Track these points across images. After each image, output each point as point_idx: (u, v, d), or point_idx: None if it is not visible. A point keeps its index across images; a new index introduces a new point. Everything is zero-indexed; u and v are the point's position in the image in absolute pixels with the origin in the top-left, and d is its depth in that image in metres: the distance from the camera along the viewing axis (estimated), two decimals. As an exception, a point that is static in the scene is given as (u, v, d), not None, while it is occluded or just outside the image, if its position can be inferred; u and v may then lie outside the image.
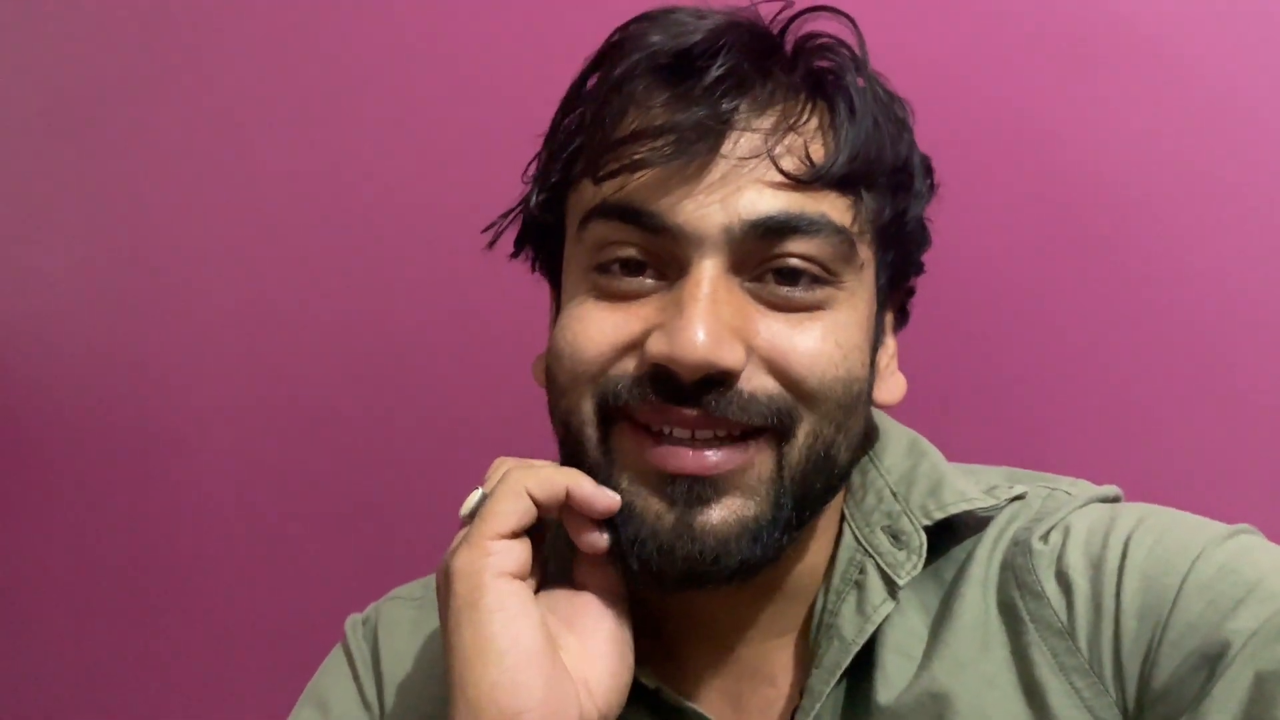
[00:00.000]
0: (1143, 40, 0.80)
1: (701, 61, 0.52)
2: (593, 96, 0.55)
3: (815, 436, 0.52)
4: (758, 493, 0.51)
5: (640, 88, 0.53)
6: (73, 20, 1.20)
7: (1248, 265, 0.79)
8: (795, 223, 0.51)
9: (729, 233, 0.50)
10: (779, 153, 0.51)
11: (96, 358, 1.20)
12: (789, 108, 0.53)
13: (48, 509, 1.25)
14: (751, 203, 0.51)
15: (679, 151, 0.50)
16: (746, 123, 0.51)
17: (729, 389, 0.50)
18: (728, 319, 0.50)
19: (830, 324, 0.52)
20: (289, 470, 1.11)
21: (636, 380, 0.51)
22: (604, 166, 0.51)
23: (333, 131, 1.07)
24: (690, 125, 0.50)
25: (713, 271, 0.50)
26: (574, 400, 0.53)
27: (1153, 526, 0.53)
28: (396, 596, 0.68)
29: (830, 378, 0.52)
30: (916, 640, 0.56)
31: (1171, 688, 0.49)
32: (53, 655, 1.25)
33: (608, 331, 0.52)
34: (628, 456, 0.52)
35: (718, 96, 0.51)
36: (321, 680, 0.67)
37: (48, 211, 1.22)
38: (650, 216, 0.51)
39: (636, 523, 0.51)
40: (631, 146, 0.51)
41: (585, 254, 0.54)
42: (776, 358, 0.51)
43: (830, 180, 0.52)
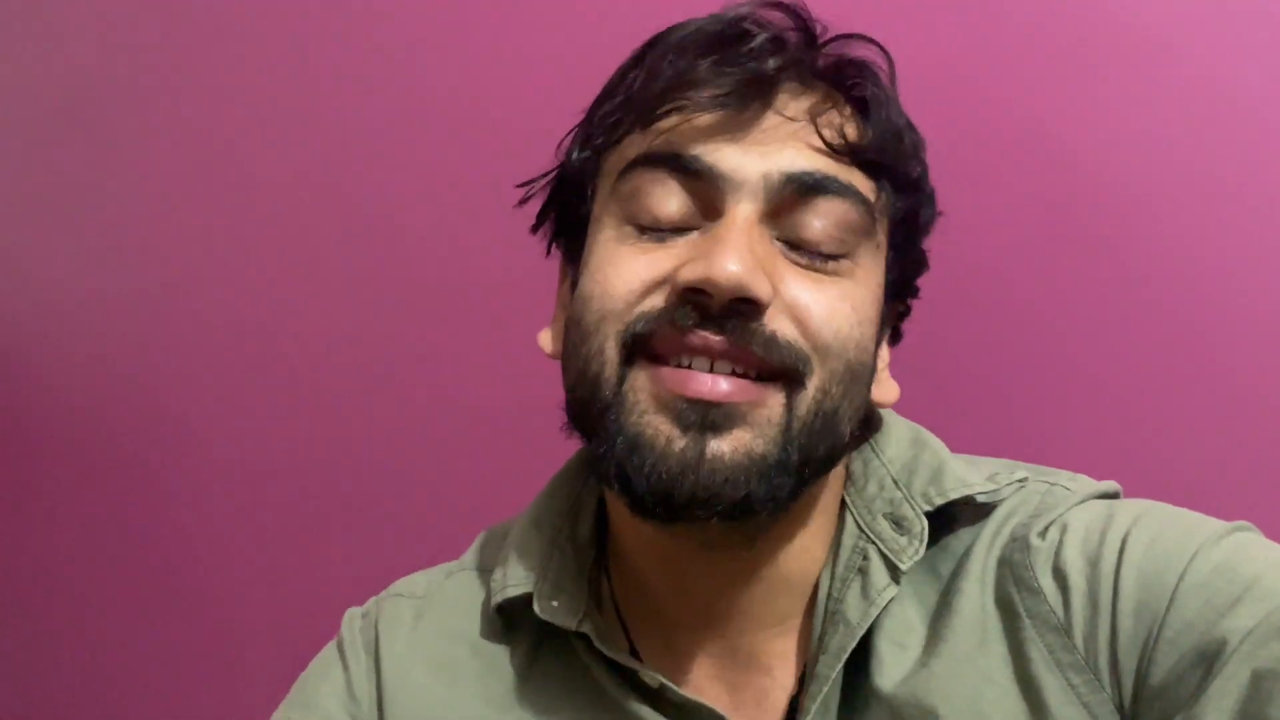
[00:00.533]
0: (1144, 41, 0.81)
1: (755, 29, 0.55)
2: (641, 65, 0.57)
3: (824, 393, 0.53)
4: (766, 433, 0.52)
5: (691, 53, 0.55)
6: (82, 22, 1.21)
7: (1249, 265, 0.79)
8: (828, 183, 0.53)
9: (767, 180, 0.53)
10: (821, 122, 0.54)
11: (104, 356, 1.21)
12: (831, 90, 0.56)
13: (56, 505, 1.25)
14: (791, 159, 0.53)
15: (729, 100, 0.53)
16: (794, 90, 0.55)
17: (754, 321, 0.51)
18: (761, 257, 0.52)
19: (848, 288, 0.54)
20: (296, 467, 1.11)
21: (664, 310, 0.52)
22: (654, 111, 0.53)
23: (341, 133, 1.08)
24: (744, 79, 0.53)
25: (749, 214, 0.53)
26: (599, 342, 0.53)
27: (1150, 524, 0.53)
28: (399, 594, 0.67)
29: (844, 335, 0.53)
30: (912, 633, 0.56)
31: (1168, 685, 0.49)
32: (60, 652, 1.26)
33: (639, 270, 0.53)
34: (643, 389, 0.52)
35: (769, 57, 0.54)
36: (309, 677, 0.66)
37: (57, 212, 1.23)
38: (693, 159, 0.53)
39: (646, 449, 0.51)
40: (683, 93, 0.53)
41: (621, 204, 0.55)
42: (799, 307, 0.53)
43: (860, 158, 0.55)
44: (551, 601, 0.59)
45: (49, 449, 1.26)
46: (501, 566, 0.62)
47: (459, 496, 1.02)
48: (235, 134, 1.13)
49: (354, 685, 0.63)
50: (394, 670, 0.63)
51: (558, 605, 0.59)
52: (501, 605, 0.61)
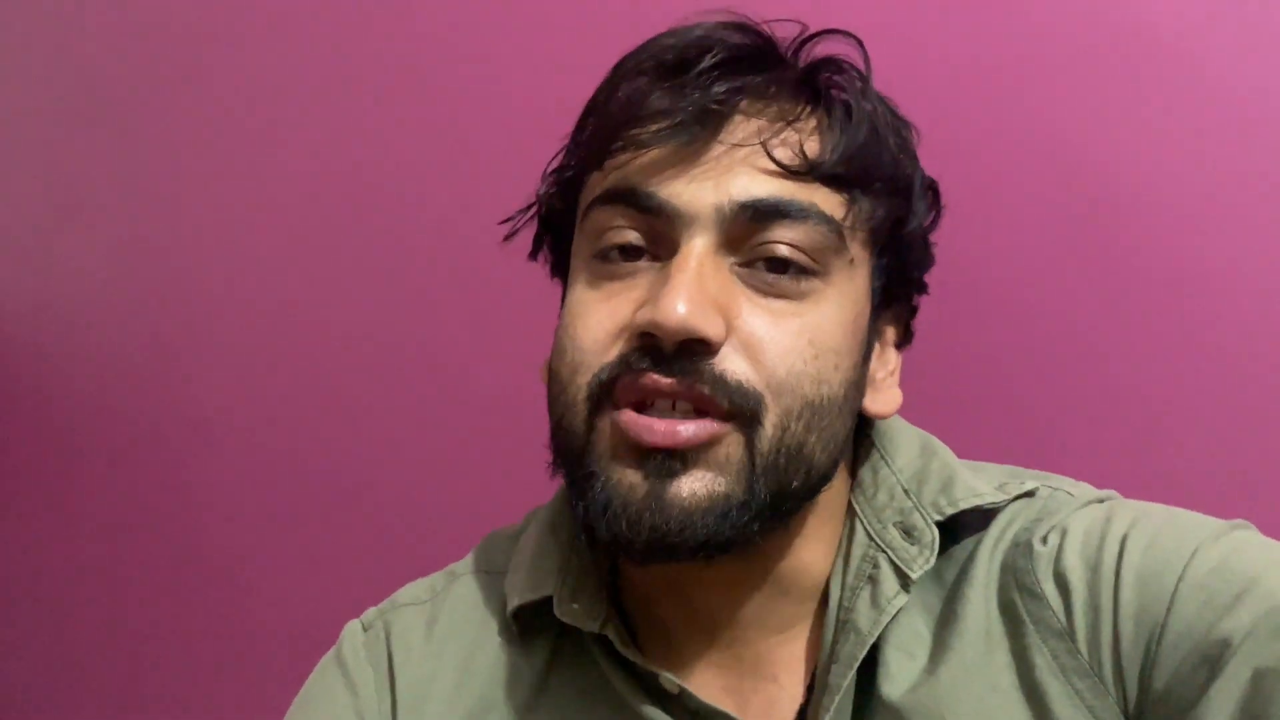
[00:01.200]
0: (1156, 44, 0.80)
1: (697, 54, 0.54)
2: (601, 95, 0.57)
3: (783, 429, 0.52)
4: (727, 471, 0.52)
5: (643, 83, 0.55)
6: (104, 15, 1.22)
7: (1260, 268, 0.78)
8: (784, 208, 0.53)
9: (719, 212, 0.52)
10: (774, 144, 0.53)
11: (124, 348, 1.22)
12: (787, 106, 0.55)
13: (72, 496, 1.27)
14: (744, 186, 0.53)
15: (676, 133, 0.52)
16: (744, 111, 0.54)
17: (704, 361, 0.51)
18: (712, 292, 0.52)
19: (810, 321, 0.54)
20: (312, 462, 1.12)
21: (622, 356, 0.53)
22: (606, 151, 0.54)
23: (358, 131, 1.09)
24: (687, 108, 0.52)
25: (701, 249, 0.52)
26: (572, 393, 0.54)
27: (1148, 526, 0.53)
28: (403, 604, 0.66)
29: (799, 371, 0.52)
30: (919, 640, 0.56)
31: (1172, 688, 0.49)
32: (79, 643, 1.27)
33: (603, 319, 0.54)
34: (606, 437, 0.53)
35: (711, 82, 0.53)
36: (309, 702, 0.64)
37: (77, 204, 1.25)
38: (646, 196, 0.53)
39: (610, 493, 0.52)
40: (631, 129, 0.53)
41: (587, 242, 0.56)
42: (753, 343, 0.52)
43: (822, 174, 0.54)
44: (572, 604, 0.59)
45: (67, 443, 1.27)
46: (517, 572, 0.62)
47: (474, 493, 1.03)
48: (253, 131, 1.14)
49: (362, 708, 0.62)
50: (410, 684, 0.62)
51: (578, 608, 0.59)
52: (519, 610, 0.61)
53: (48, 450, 1.28)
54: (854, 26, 0.85)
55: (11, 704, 1.31)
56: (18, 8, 1.28)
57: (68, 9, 1.25)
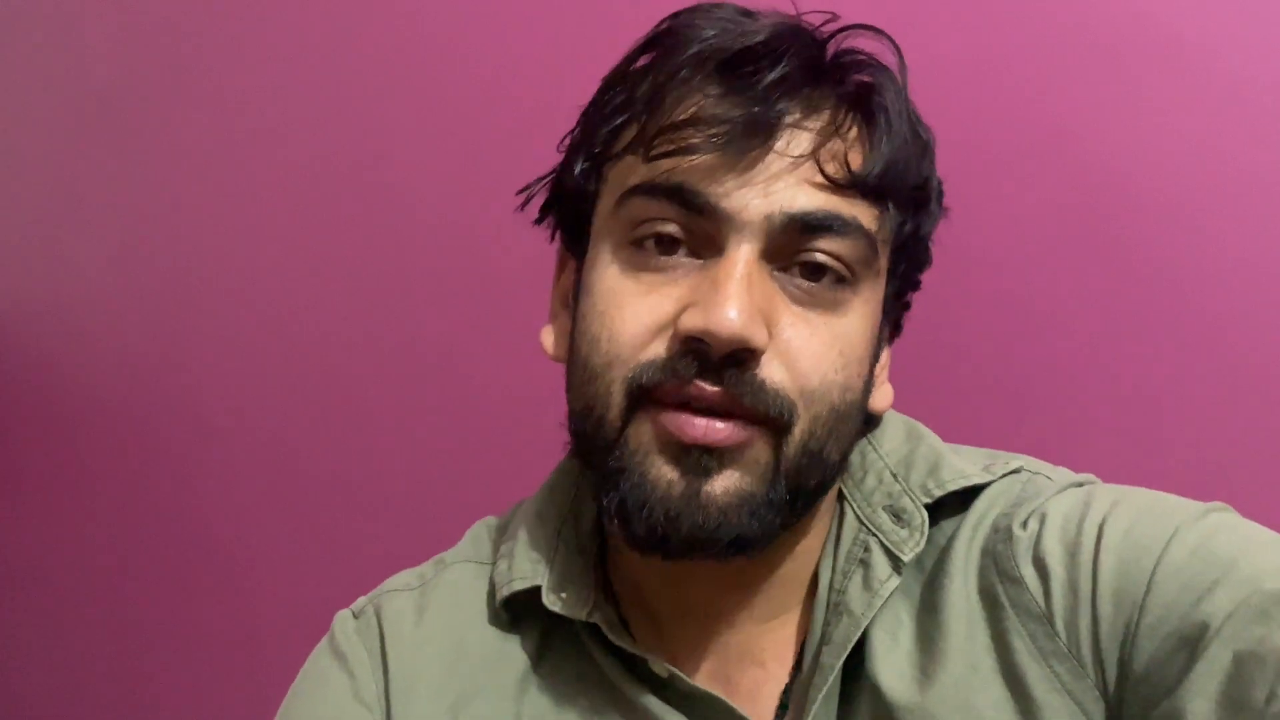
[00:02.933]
0: (1167, 39, 0.79)
1: (763, 62, 0.54)
2: (645, 77, 0.56)
3: (810, 435, 0.53)
4: (754, 471, 0.53)
5: (698, 78, 0.54)
6: (107, 17, 1.23)
7: (1266, 264, 0.78)
8: (831, 221, 0.53)
9: (769, 221, 0.53)
10: (824, 156, 0.54)
11: (127, 347, 1.24)
12: (835, 115, 0.55)
13: (76, 495, 1.28)
14: (793, 198, 0.53)
15: (732, 142, 0.52)
16: (797, 124, 0.54)
17: (749, 370, 0.52)
18: (758, 301, 0.52)
19: (841, 331, 0.54)
20: (314, 459, 1.13)
21: (668, 359, 0.53)
22: (657, 147, 0.53)
23: (363, 131, 1.09)
24: (747, 120, 0.52)
25: (749, 255, 0.53)
26: (605, 385, 0.54)
27: (1127, 509, 0.53)
28: (393, 590, 0.66)
29: (829, 380, 0.54)
30: (900, 625, 0.56)
31: (1152, 670, 0.49)
32: (85, 638, 1.29)
33: (642, 315, 0.54)
34: (645, 433, 0.54)
35: (776, 97, 0.53)
36: (305, 690, 0.65)
37: (85, 204, 1.26)
38: (696, 196, 0.53)
39: (646, 489, 0.53)
40: (687, 131, 0.53)
41: (621, 227, 0.56)
42: (791, 351, 0.53)
43: (865, 188, 0.54)
44: (560, 593, 0.59)
45: (71, 442, 1.28)
46: (506, 559, 0.63)
47: (476, 488, 1.04)
48: (256, 131, 1.15)
49: (360, 691, 0.62)
50: (402, 668, 0.62)
51: (566, 596, 0.59)
52: (508, 599, 0.61)
53: (52, 449, 1.30)
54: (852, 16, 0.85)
55: (16, 702, 1.33)
56: (20, 11, 1.29)
57: (70, 12, 1.26)
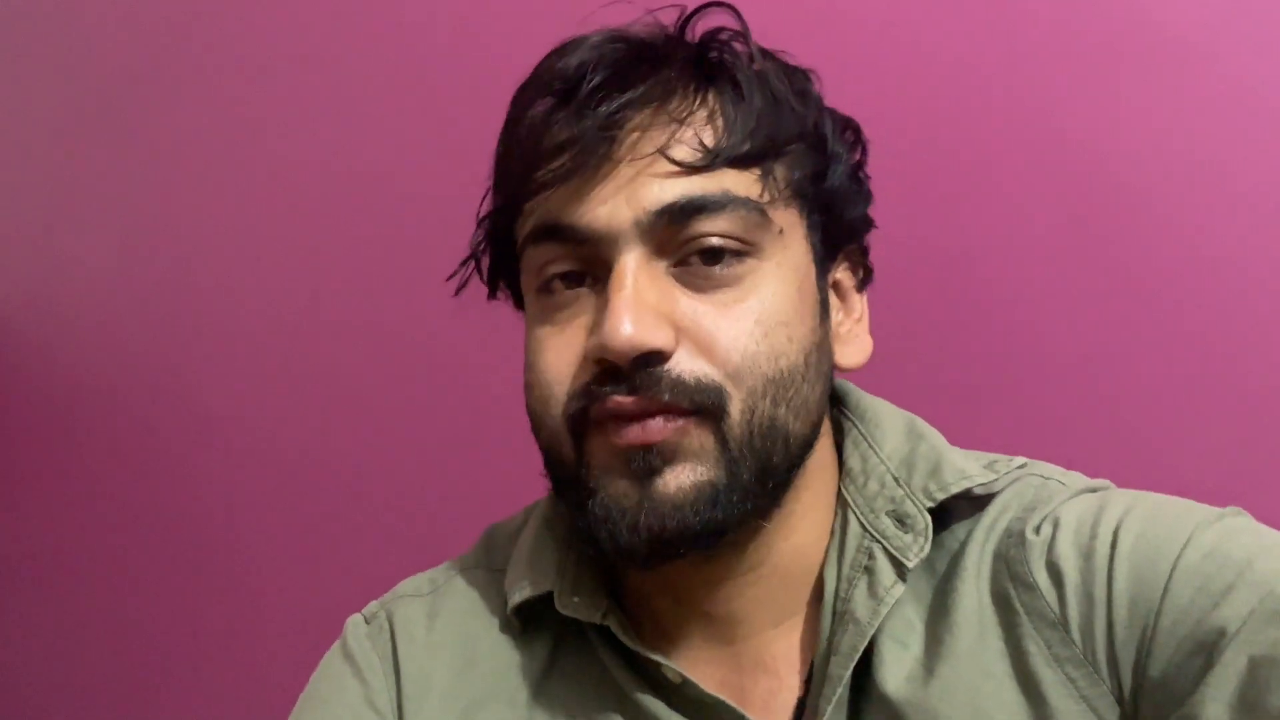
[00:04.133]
0: (1165, 39, 0.79)
1: (587, 75, 0.55)
2: (506, 131, 0.59)
3: (751, 412, 0.54)
4: (704, 459, 0.53)
5: (538, 113, 0.56)
6: (106, 14, 1.24)
7: (1266, 264, 0.77)
8: (699, 203, 0.54)
9: (639, 225, 0.54)
10: (669, 145, 0.54)
11: (128, 346, 1.24)
12: (675, 103, 0.55)
13: (77, 494, 1.28)
14: (654, 194, 0.54)
15: (577, 164, 0.54)
16: (633, 124, 0.55)
17: (660, 368, 0.53)
18: (652, 303, 0.53)
19: (753, 303, 0.55)
20: (316, 458, 1.13)
21: (585, 385, 0.54)
22: (521, 194, 0.56)
23: (369, 130, 1.10)
24: (582, 137, 0.54)
25: (633, 264, 0.54)
26: (551, 426, 0.56)
27: (1141, 514, 0.53)
28: (404, 595, 0.67)
29: (753, 352, 0.54)
30: (911, 630, 0.56)
31: (1168, 676, 0.49)
32: (80, 644, 1.29)
33: (561, 351, 0.56)
34: (596, 454, 0.55)
35: (595, 104, 0.54)
36: (318, 695, 0.65)
37: (86, 203, 1.26)
38: (569, 228, 0.55)
39: (608, 505, 0.54)
40: (538, 169, 0.55)
41: (530, 278, 0.58)
42: (702, 338, 0.54)
43: (726, 159, 0.55)
44: (573, 598, 0.60)
45: (73, 440, 1.28)
46: (517, 567, 0.63)
47: (480, 489, 1.03)
48: (256, 129, 1.15)
49: (373, 697, 0.62)
50: (414, 674, 0.62)
51: (579, 601, 0.59)
52: (520, 606, 0.61)
53: (52, 447, 1.30)
54: (861, 23, 0.85)
55: (19, 702, 1.33)
56: (20, 9, 1.29)
57: (70, 9, 1.26)
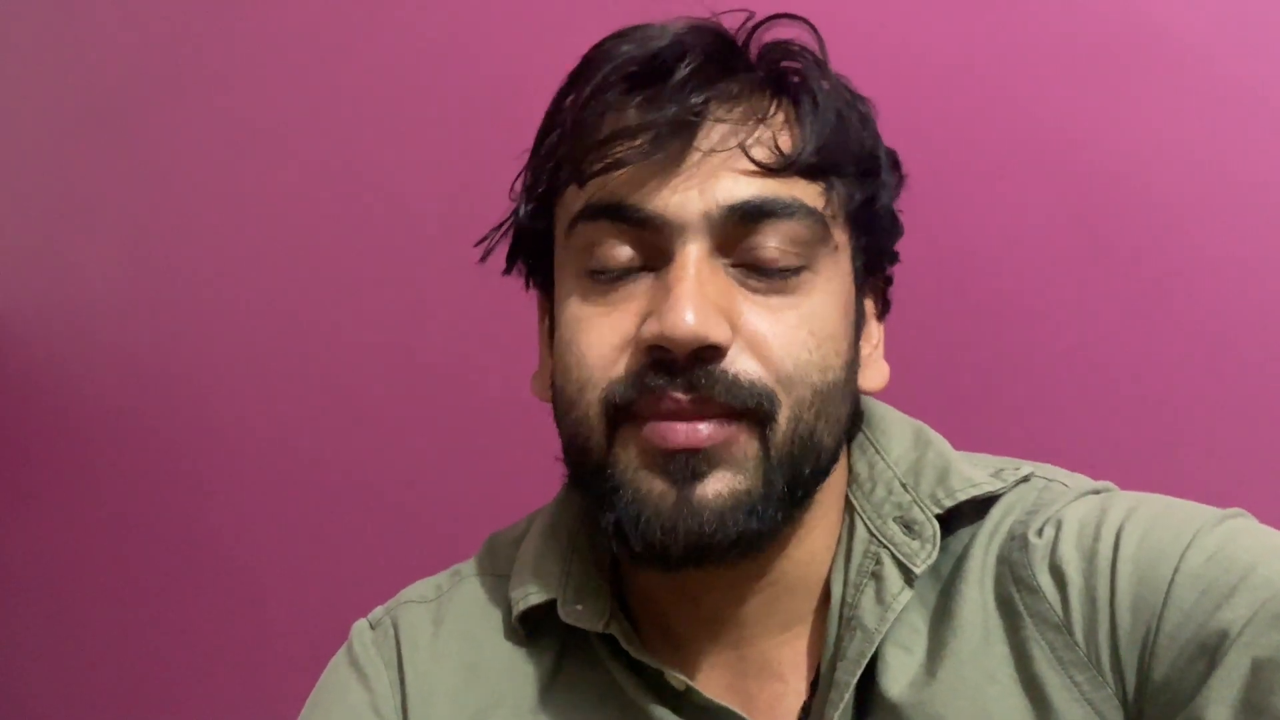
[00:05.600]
0: (1165, 41, 0.79)
1: (669, 63, 0.54)
2: (571, 109, 0.57)
3: (796, 421, 0.53)
4: (746, 468, 0.53)
5: (614, 95, 0.55)
6: (109, 20, 1.24)
7: (1265, 265, 0.77)
8: (770, 206, 0.54)
9: (709, 218, 0.53)
10: (749, 143, 0.54)
11: (133, 352, 1.24)
12: (756, 103, 0.55)
13: (84, 500, 1.29)
14: (728, 190, 0.53)
15: (655, 147, 0.53)
16: (717, 117, 0.54)
17: (717, 366, 0.52)
18: (714, 297, 0.52)
19: (806, 312, 0.55)
20: (322, 464, 1.13)
21: (636, 374, 0.53)
22: (587, 169, 0.54)
23: (368, 134, 1.10)
24: (664, 121, 0.53)
25: (697, 254, 0.53)
26: (583, 409, 0.55)
27: (1144, 516, 0.53)
28: (409, 601, 0.67)
29: (804, 361, 0.54)
30: (916, 635, 0.56)
31: (1171, 678, 0.49)
32: (86, 649, 1.29)
33: (606, 334, 0.54)
34: (630, 449, 0.54)
35: (687, 93, 0.53)
36: (324, 701, 0.65)
37: (91, 208, 1.27)
38: (633, 209, 0.54)
39: (640, 503, 0.53)
40: (610, 147, 0.53)
41: (575, 257, 0.57)
42: (758, 341, 0.53)
43: (800, 168, 0.55)
44: (576, 606, 0.60)
45: (78, 448, 1.29)
46: (520, 575, 0.63)
47: (483, 495, 1.04)
48: (260, 135, 1.15)
49: (378, 703, 0.63)
50: (419, 680, 0.62)
51: (582, 609, 0.59)
52: (524, 614, 0.61)
53: (58, 455, 1.30)
54: (860, 21, 0.85)
55: (30, 711, 1.33)
56: (23, 14, 1.30)
57: (72, 15, 1.26)
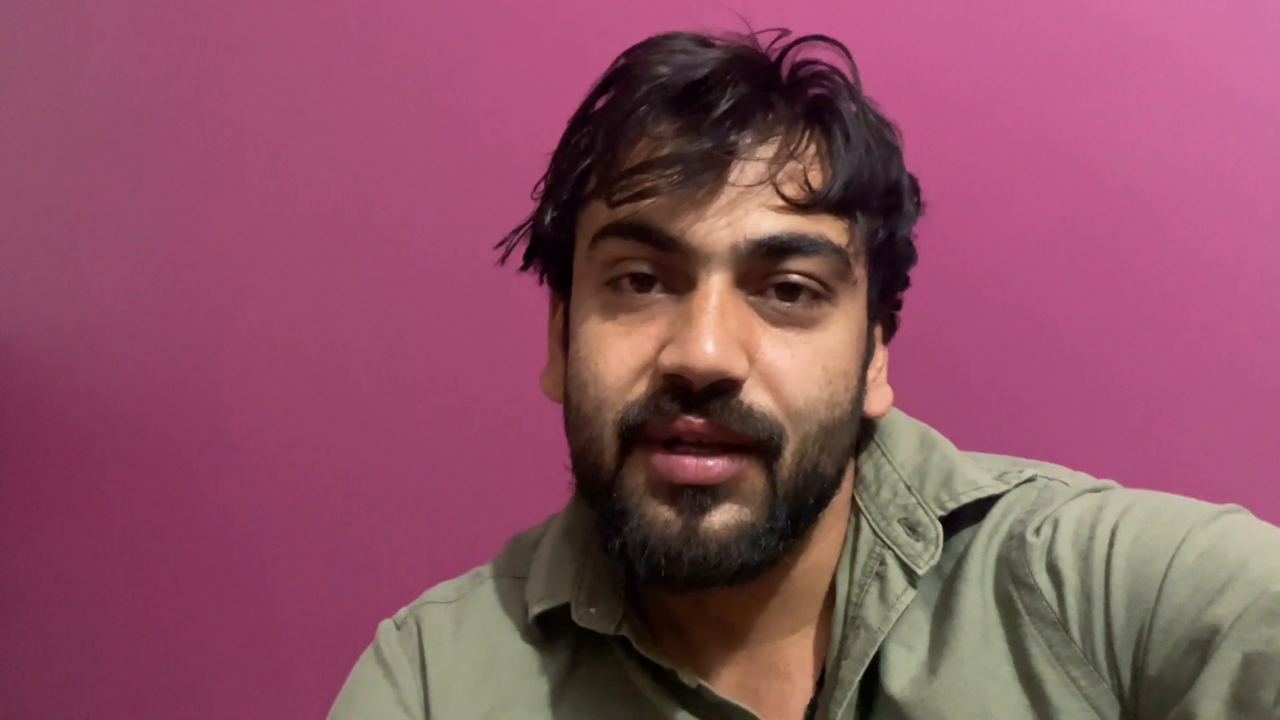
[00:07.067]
0: (1167, 45, 0.80)
1: (711, 95, 0.54)
2: (604, 121, 0.57)
3: (802, 455, 0.54)
4: (751, 501, 0.54)
5: (650, 116, 0.55)
6: (116, 34, 1.25)
7: (1266, 267, 0.77)
8: (797, 243, 0.54)
9: (735, 251, 0.53)
10: (780, 179, 0.54)
11: (146, 364, 1.25)
12: (789, 136, 0.55)
13: (99, 515, 1.30)
14: (756, 224, 0.54)
15: (688, 179, 0.53)
16: (750, 152, 0.54)
17: (732, 398, 0.53)
18: (734, 330, 0.53)
19: (821, 347, 0.55)
20: (332, 472, 1.14)
21: (651, 397, 0.54)
22: (617, 191, 0.54)
23: (376, 145, 1.10)
24: (699, 156, 0.53)
25: (720, 285, 0.53)
26: (597, 428, 0.56)
27: (1139, 513, 0.54)
28: (432, 601, 0.68)
29: (814, 398, 0.54)
30: (918, 633, 0.57)
31: (1165, 674, 0.50)
32: (98, 656, 1.31)
33: (624, 356, 0.55)
34: (639, 474, 0.55)
35: (726, 129, 0.54)
36: (353, 696, 0.67)
37: (99, 222, 1.28)
38: (661, 233, 0.54)
39: (645, 529, 0.54)
40: (644, 174, 0.54)
41: (597, 270, 0.57)
42: (773, 374, 0.54)
43: (828, 204, 0.55)
44: (589, 609, 0.61)
45: (89, 459, 1.30)
46: (537, 578, 0.64)
47: (493, 499, 1.05)
48: (267, 147, 1.16)
49: (404, 697, 0.64)
50: (440, 678, 0.64)
51: (595, 612, 0.61)
52: (539, 616, 0.63)
53: (68, 472, 1.32)
54: (859, 24, 0.85)
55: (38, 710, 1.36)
56: (29, 28, 1.31)
57: (80, 29, 1.28)
